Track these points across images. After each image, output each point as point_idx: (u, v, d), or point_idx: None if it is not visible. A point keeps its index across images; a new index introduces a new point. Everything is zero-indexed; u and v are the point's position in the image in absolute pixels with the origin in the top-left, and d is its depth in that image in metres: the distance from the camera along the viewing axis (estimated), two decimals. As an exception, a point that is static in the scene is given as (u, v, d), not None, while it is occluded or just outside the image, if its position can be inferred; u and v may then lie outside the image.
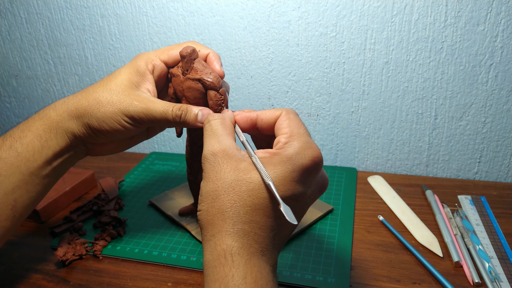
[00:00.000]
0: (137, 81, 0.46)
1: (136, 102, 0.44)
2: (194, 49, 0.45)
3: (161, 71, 0.49)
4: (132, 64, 0.47)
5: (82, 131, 0.46)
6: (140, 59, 0.48)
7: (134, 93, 0.45)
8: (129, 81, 0.46)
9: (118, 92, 0.45)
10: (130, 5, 0.73)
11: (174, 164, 0.78)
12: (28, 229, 0.61)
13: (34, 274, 0.52)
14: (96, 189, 0.71)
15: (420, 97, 0.68)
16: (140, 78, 0.47)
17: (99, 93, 0.45)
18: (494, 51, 0.62)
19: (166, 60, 0.48)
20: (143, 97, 0.45)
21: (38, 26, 0.80)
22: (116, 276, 0.51)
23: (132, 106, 0.44)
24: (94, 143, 0.48)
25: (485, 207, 0.61)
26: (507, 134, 0.67)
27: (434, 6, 0.61)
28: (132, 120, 0.45)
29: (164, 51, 0.48)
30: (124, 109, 0.44)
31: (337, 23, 0.66)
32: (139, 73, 0.47)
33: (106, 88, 0.45)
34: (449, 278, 0.48)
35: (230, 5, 0.69)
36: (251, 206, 0.33)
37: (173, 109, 0.44)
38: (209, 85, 0.44)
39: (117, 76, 0.46)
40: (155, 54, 0.48)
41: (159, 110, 0.44)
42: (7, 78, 0.87)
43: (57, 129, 0.45)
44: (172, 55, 0.48)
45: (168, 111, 0.44)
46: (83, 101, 0.45)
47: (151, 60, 0.48)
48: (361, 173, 0.73)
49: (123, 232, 0.58)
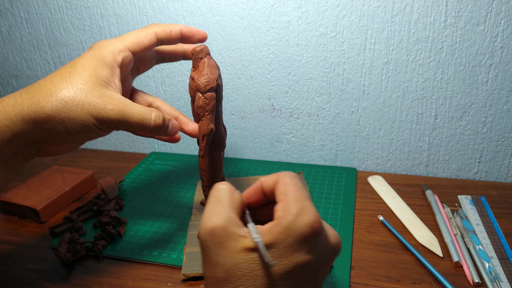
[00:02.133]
0: (105, 76, 0.40)
1: (110, 106, 0.39)
2: (202, 48, 0.44)
3: (129, 61, 0.43)
4: (96, 55, 0.41)
5: (38, 135, 0.39)
6: (105, 49, 0.42)
7: (105, 93, 0.39)
8: (96, 77, 0.40)
9: (87, 92, 0.39)
10: (130, 5, 0.73)
11: (174, 164, 0.78)
12: (28, 229, 0.61)
13: (34, 274, 0.52)
14: (96, 189, 0.71)
15: (420, 97, 0.68)
16: (108, 72, 0.41)
17: (63, 91, 0.38)
18: (494, 51, 0.62)
19: (135, 49, 0.43)
20: (116, 99, 0.40)
21: (38, 26, 0.80)
22: (116, 276, 0.51)
23: (105, 110, 0.39)
24: (50, 144, 0.41)
25: (485, 207, 0.61)
26: (507, 134, 0.67)
27: (434, 6, 0.61)
28: (102, 125, 0.40)
29: (131, 39, 0.43)
30: (96, 113, 0.39)
31: (337, 23, 0.66)
32: (106, 65, 0.41)
33: (71, 86, 0.39)
34: (449, 278, 0.48)
35: (230, 5, 0.69)
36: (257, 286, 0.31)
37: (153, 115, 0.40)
38: (196, 86, 0.43)
39: (81, 70, 0.40)
40: (121, 43, 0.43)
41: (137, 115, 0.40)
42: (7, 78, 0.87)
43: (2, 134, 0.37)
44: (141, 44, 0.43)
45: (146, 118, 0.40)
46: (44, 102, 0.38)
47: (118, 50, 0.42)
48: (361, 173, 0.73)
49: (123, 232, 0.58)
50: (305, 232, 0.32)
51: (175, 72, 0.77)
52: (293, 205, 0.33)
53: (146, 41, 0.44)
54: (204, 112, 0.44)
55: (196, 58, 0.44)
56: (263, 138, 0.78)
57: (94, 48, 0.42)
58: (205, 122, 0.45)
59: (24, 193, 0.64)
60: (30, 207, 0.61)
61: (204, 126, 0.45)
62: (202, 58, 0.44)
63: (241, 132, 0.78)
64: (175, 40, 0.46)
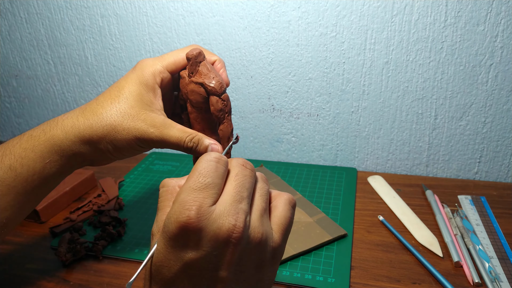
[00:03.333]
0: (149, 99, 0.44)
1: (152, 130, 0.43)
2: (200, 52, 0.43)
3: (168, 82, 0.46)
4: (139, 77, 0.45)
5: (93, 153, 0.44)
6: (146, 71, 0.45)
7: (149, 117, 0.43)
8: (141, 102, 0.44)
9: (133, 117, 0.43)
10: (130, 5, 0.73)
11: (174, 164, 0.78)
12: (28, 229, 0.61)
13: (34, 274, 0.52)
14: (96, 189, 0.71)
15: (420, 97, 0.68)
16: (151, 95, 0.44)
17: (113, 117, 0.43)
18: (494, 51, 0.62)
19: (173, 70, 0.46)
20: (158, 122, 0.43)
21: (38, 26, 0.80)
22: (116, 276, 0.51)
23: (147, 133, 0.43)
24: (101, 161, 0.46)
25: (485, 207, 0.61)
26: (507, 134, 0.67)
27: (434, 6, 0.61)
28: (145, 145, 0.44)
29: (170, 60, 0.45)
30: (139, 136, 0.43)
31: (337, 23, 0.66)
32: (148, 88, 0.44)
33: (119, 112, 0.43)
34: (449, 278, 0.48)
35: (230, 5, 0.69)
36: None
37: (186, 140, 0.43)
38: (210, 90, 0.43)
39: (128, 95, 0.44)
40: (161, 64, 0.45)
41: (174, 139, 0.43)
42: (7, 78, 0.87)
43: (63, 152, 0.43)
44: (179, 64, 0.46)
45: (181, 141, 0.43)
46: (97, 127, 0.43)
47: (159, 72, 0.45)
48: (361, 173, 0.73)
49: (123, 232, 0.58)
50: (172, 231, 0.30)
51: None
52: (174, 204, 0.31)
53: (184, 63, 0.46)
54: (224, 114, 0.44)
55: (194, 63, 0.43)
56: (263, 138, 0.78)
57: (137, 69, 0.45)
58: (227, 124, 0.45)
59: (24, 193, 0.64)
60: (30, 207, 0.61)
61: (227, 128, 0.45)
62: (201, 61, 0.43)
63: (241, 132, 0.78)
64: None
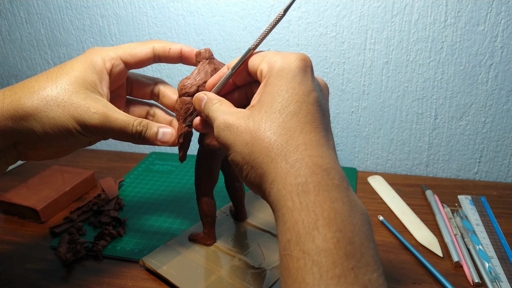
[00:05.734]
0: (93, 80, 0.40)
1: (93, 110, 0.38)
2: (201, 51, 0.43)
3: (119, 71, 0.43)
4: (87, 59, 0.40)
5: (18, 134, 0.38)
6: (96, 54, 0.41)
7: (90, 96, 0.38)
8: (84, 80, 0.39)
9: (71, 93, 0.37)
10: (130, 5, 0.73)
11: (174, 164, 0.78)
12: (28, 229, 0.61)
13: (34, 274, 0.52)
14: (96, 189, 0.71)
15: (420, 97, 0.68)
16: (96, 77, 0.40)
17: (46, 90, 0.37)
18: (494, 51, 0.62)
19: (128, 60, 0.43)
20: (101, 104, 0.38)
21: (38, 26, 0.80)
22: (116, 276, 0.51)
23: (87, 113, 0.37)
24: (29, 148, 0.39)
25: (485, 207, 0.61)
26: (507, 134, 0.67)
27: (434, 6, 0.61)
28: (84, 130, 0.38)
29: (126, 49, 0.43)
30: (77, 115, 0.37)
31: (337, 23, 0.66)
32: (95, 70, 0.40)
33: (56, 85, 0.37)
34: (449, 278, 0.48)
35: (230, 5, 0.69)
36: None
37: (135, 123, 0.39)
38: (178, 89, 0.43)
39: (69, 71, 0.39)
40: (114, 51, 0.42)
41: (119, 123, 0.38)
42: (7, 78, 0.87)
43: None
44: (136, 56, 0.43)
45: (129, 125, 0.39)
46: (25, 99, 0.37)
47: (110, 57, 0.41)
48: (361, 173, 0.73)
49: (123, 232, 0.58)
50: (299, 65, 0.33)
51: (175, 72, 0.77)
52: (274, 55, 0.34)
53: (141, 54, 0.43)
54: (178, 116, 0.44)
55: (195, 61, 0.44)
56: (263, 138, 0.78)
57: (87, 52, 0.42)
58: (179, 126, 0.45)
59: (24, 193, 0.64)
60: (30, 207, 0.61)
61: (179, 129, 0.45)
62: (199, 61, 0.44)
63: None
64: (173, 59, 0.46)
